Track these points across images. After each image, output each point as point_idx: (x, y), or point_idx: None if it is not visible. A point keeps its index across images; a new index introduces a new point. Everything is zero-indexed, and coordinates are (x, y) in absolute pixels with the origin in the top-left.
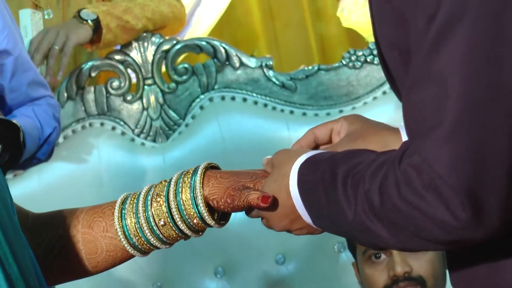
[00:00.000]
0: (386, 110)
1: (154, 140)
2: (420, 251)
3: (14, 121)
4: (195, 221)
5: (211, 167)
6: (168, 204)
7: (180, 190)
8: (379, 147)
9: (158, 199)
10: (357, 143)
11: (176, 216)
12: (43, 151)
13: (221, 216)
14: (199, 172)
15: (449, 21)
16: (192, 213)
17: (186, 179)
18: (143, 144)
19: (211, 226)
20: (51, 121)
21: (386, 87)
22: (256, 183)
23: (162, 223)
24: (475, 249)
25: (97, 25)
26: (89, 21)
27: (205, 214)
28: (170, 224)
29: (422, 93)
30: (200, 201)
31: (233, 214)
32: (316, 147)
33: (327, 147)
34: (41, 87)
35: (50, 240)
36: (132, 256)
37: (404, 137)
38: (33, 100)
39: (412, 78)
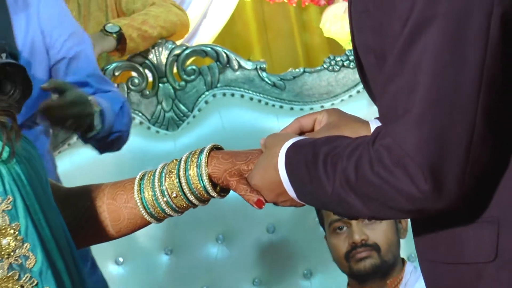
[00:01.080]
0: (360, 106)
1: (166, 129)
2: (384, 220)
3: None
4: (201, 193)
5: (216, 148)
6: (179, 179)
7: (188, 167)
8: (351, 135)
9: (171, 175)
10: (333, 131)
11: (186, 189)
12: (124, 122)
13: (222, 189)
14: (204, 152)
15: (420, 25)
16: (198, 187)
17: (193, 158)
18: (157, 132)
19: (214, 197)
20: (117, 99)
21: (360, 87)
22: (249, 163)
23: (174, 195)
24: (438, 220)
25: (120, 36)
26: (113, 33)
27: (209, 187)
28: (181, 195)
29: (395, 85)
30: (205, 177)
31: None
32: (300, 133)
33: (309, 134)
34: (103, 81)
35: (80, 209)
36: (149, 223)
37: (373, 129)
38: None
39: (387, 73)
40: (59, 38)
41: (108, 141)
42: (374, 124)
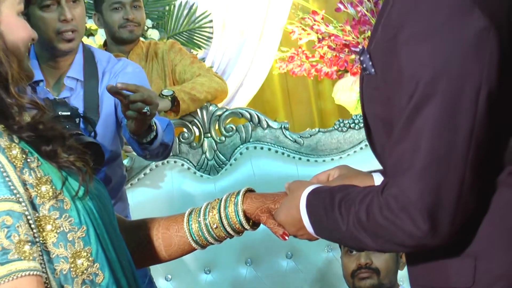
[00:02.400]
0: (363, 159)
1: (209, 174)
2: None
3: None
4: (237, 226)
5: (249, 190)
6: (220, 214)
7: (228, 205)
8: (359, 185)
9: (213, 211)
10: (345, 182)
11: (225, 223)
12: (170, 137)
13: (254, 223)
14: (241, 193)
15: (422, 100)
16: (235, 221)
17: (232, 198)
18: (201, 176)
19: (247, 230)
20: (163, 119)
21: (363, 144)
22: (276, 203)
23: (215, 226)
24: (429, 253)
25: (173, 99)
26: (168, 96)
27: (244, 221)
28: (220, 227)
29: (402, 147)
30: (241, 213)
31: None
32: None
33: (326, 183)
34: None
35: (140, 237)
36: (194, 249)
37: (376, 181)
38: None
39: (395, 137)
40: None
41: (156, 150)
42: (376, 176)
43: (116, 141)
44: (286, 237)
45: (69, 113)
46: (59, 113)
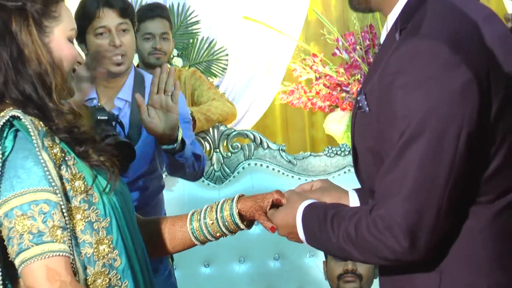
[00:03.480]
0: (345, 181)
1: (215, 183)
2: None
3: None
4: (231, 226)
5: (242, 196)
6: (216, 216)
7: (223, 209)
8: (335, 199)
9: (212, 213)
10: (325, 193)
11: (220, 223)
12: (199, 149)
13: (248, 223)
14: (235, 199)
15: (412, 137)
16: (230, 221)
17: (228, 202)
18: (208, 184)
19: (242, 229)
20: (189, 136)
21: (346, 169)
22: (265, 200)
23: (212, 226)
24: (401, 267)
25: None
26: None
27: (239, 222)
28: (217, 227)
29: (391, 175)
30: (236, 215)
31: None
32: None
33: (308, 193)
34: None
35: (152, 231)
36: (194, 245)
37: (350, 197)
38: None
39: (386, 166)
40: None
41: (190, 159)
42: (351, 193)
43: (153, 158)
44: (274, 231)
45: (106, 118)
46: (98, 117)
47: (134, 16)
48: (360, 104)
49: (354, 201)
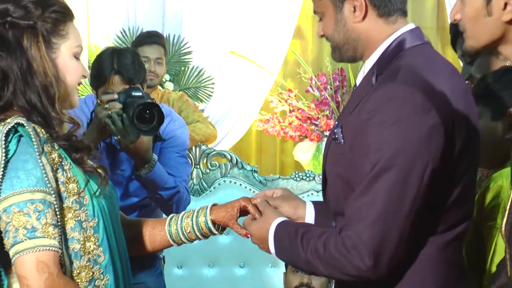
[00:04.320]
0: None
1: (193, 195)
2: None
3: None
4: (206, 230)
5: (215, 205)
6: (192, 221)
7: (198, 215)
8: (293, 206)
9: (188, 219)
10: (284, 201)
11: (195, 228)
12: (167, 192)
13: (221, 228)
14: (208, 207)
15: (383, 169)
16: (204, 227)
17: (202, 210)
18: None
19: (215, 234)
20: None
21: (309, 192)
22: (234, 208)
23: (188, 230)
24: (359, 284)
25: None
26: None
27: (213, 228)
28: (192, 231)
29: (361, 201)
30: (209, 222)
31: (214, 237)
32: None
33: (270, 199)
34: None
35: (133, 232)
36: (171, 245)
37: (307, 207)
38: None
39: (357, 193)
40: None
41: (154, 194)
42: (308, 203)
43: None
44: (248, 236)
45: (140, 94)
46: (133, 93)
47: (144, 81)
48: (336, 136)
49: (310, 211)
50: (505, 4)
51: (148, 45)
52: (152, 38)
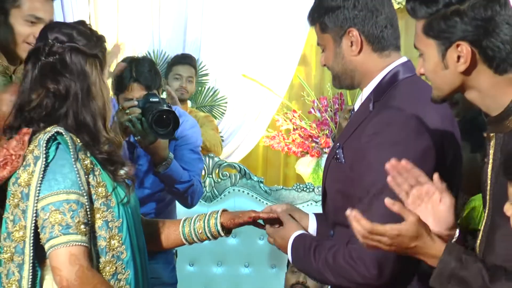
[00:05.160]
0: (311, 209)
1: (205, 201)
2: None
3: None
4: (215, 232)
5: (224, 210)
6: (204, 223)
7: (210, 218)
8: (298, 218)
9: (200, 221)
10: (289, 213)
11: (206, 229)
12: (183, 185)
13: (227, 231)
14: (219, 211)
15: (383, 186)
16: (214, 229)
17: (213, 214)
18: (200, 201)
19: (222, 236)
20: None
21: (309, 203)
22: (242, 217)
23: (200, 231)
24: None
25: None
26: None
27: (221, 230)
28: (203, 232)
29: (365, 216)
30: (219, 224)
31: (223, 239)
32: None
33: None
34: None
35: (152, 231)
36: (184, 244)
37: (310, 218)
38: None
39: (360, 209)
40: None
41: (171, 187)
42: (311, 216)
43: None
44: (250, 219)
45: (157, 100)
46: (151, 99)
47: (160, 87)
48: (338, 156)
49: (312, 222)
50: (458, 57)
51: (182, 64)
52: (186, 59)
